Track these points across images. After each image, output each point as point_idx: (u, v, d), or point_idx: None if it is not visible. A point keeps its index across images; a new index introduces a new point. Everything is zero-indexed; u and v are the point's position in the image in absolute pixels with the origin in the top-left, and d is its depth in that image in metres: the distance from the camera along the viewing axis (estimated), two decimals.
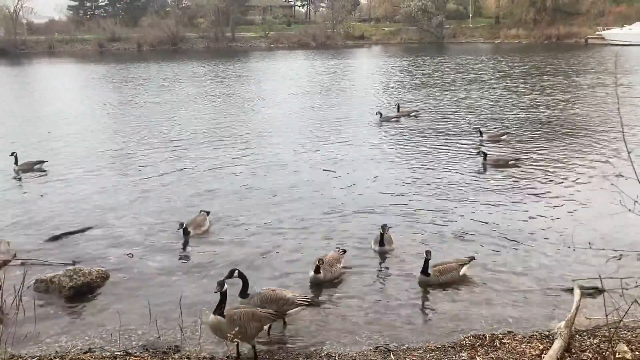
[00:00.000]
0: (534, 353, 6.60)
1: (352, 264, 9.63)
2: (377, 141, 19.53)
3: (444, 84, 35.52)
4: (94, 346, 7.31)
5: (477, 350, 6.81)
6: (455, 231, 11.02)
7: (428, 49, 69.41)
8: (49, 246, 10.79)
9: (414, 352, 6.84)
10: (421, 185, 14.18)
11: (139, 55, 71.20)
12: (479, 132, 18.38)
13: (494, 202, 12.73)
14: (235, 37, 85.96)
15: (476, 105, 26.64)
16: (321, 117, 24.26)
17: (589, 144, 18.06)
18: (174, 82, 40.19)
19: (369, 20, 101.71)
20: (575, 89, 31.24)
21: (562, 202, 12.55)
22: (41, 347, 7.34)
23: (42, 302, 8.57)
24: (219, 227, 11.64)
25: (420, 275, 8.79)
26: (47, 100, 33.02)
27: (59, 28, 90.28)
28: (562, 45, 70.18)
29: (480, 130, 18.50)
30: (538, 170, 15.30)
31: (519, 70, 42.21)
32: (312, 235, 10.98)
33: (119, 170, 16.30)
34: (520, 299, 8.38)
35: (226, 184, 14.69)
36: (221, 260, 9.91)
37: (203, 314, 7.71)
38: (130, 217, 12.27)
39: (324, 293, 8.75)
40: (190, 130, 22.19)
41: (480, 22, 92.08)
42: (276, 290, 7.67)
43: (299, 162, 16.74)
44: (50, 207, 13.13)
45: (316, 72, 45.19)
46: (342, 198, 13.23)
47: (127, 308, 8.35)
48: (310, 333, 7.54)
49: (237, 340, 6.54)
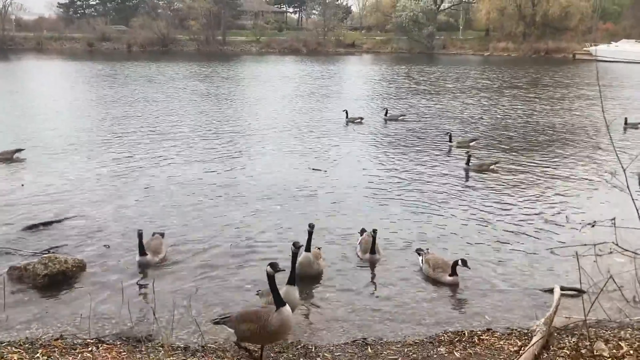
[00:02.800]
0: (512, 349, 6.56)
1: (333, 260, 9.56)
2: (361, 143, 19.59)
3: (431, 91, 35.69)
4: (66, 333, 7.14)
5: (455, 345, 6.75)
6: (437, 232, 11.01)
7: (418, 59, 69.83)
8: (25, 235, 10.57)
9: (391, 346, 6.75)
10: (403, 185, 14.26)
11: (129, 55, 70.77)
12: (449, 137, 18.82)
13: (476, 203, 12.83)
14: (226, 41, 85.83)
15: (459, 112, 26.89)
16: (308, 119, 24.24)
17: (569, 149, 18.64)
18: (162, 81, 39.95)
19: (360, 29, 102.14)
20: (558, 100, 31.58)
21: (542, 205, 12.69)
22: (11, 333, 7.15)
23: (14, 290, 8.38)
24: (203, 214, 11.69)
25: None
26: (32, 94, 32.67)
27: (49, 25, 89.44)
28: (550, 60, 70.99)
29: (450, 135, 18.89)
30: (517, 174, 15.53)
31: (505, 82, 42.53)
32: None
33: (99, 162, 16.18)
34: (500, 298, 8.34)
35: (206, 176, 14.77)
36: (198, 254, 9.80)
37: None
38: (108, 209, 12.12)
39: (301, 289, 8.66)
40: (175, 126, 22.11)
41: (471, 34, 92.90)
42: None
43: (283, 161, 16.72)
44: (29, 196, 12.93)
45: (306, 77, 45.17)
46: (326, 196, 13.19)
47: (102, 298, 8.18)
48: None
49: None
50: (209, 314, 7.64)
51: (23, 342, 6.83)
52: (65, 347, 6.68)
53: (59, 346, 6.70)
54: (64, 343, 6.82)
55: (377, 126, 23.02)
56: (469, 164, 15.58)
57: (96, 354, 6.39)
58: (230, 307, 7.88)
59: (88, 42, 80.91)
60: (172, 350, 6.61)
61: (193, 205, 12.40)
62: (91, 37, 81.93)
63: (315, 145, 19.10)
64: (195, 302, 7.91)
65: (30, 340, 6.88)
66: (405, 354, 6.52)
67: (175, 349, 6.68)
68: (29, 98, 30.74)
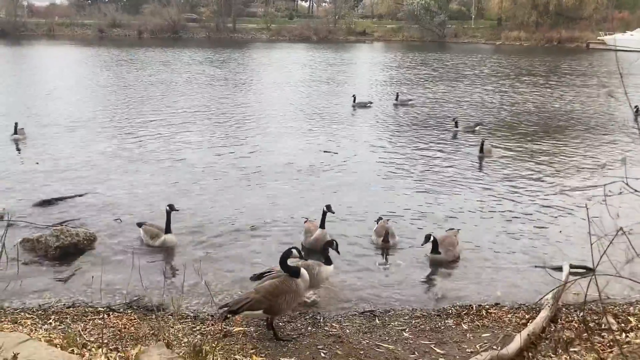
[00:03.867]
0: (520, 322, 6.57)
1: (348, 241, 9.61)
2: (371, 126, 19.60)
3: (442, 78, 35.44)
4: (78, 302, 7.25)
5: (462, 318, 6.77)
6: (445, 211, 11.04)
7: (429, 47, 69.25)
8: (38, 210, 10.73)
9: (399, 318, 6.79)
10: (411, 166, 14.31)
11: (140, 41, 70.79)
12: (455, 123, 18.91)
13: (485, 184, 12.88)
14: (237, 28, 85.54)
15: (468, 98, 26.64)
16: (320, 104, 24.20)
17: (578, 136, 18.42)
18: (175, 66, 40.00)
19: (371, 17, 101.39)
20: (569, 88, 31.20)
21: (552, 188, 12.63)
22: (24, 301, 7.27)
23: (27, 261, 8.50)
24: (215, 192, 11.76)
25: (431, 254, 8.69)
26: (45, 77, 32.85)
27: (60, 12, 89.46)
28: (563, 49, 70.13)
29: (456, 121, 18.97)
30: (528, 158, 15.47)
31: (517, 70, 42.11)
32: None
33: (113, 142, 16.41)
34: (509, 275, 8.35)
35: (218, 157, 14.87)
36: (207, 227, 9.89)
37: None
38: (121, 186, 12.26)
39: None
40: (189, 109, 22.21)
41: (482, 23, 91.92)
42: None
43: (295, 144, 16.79)
44: (44, 174, 13.14)
45: (317, 64, 45.00)
46: (338, 179, 13.24)
47: (113, 269, 8.28)
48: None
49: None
50: (219, 285, 7.72)
51: (36, 309, 6.96)
52: (77, 314, 6.80)
53: (70, 313, 6.82)
54: (76, 311, 6.93)
55: (386, 110, 22.94)
56: (482, 148, 15.39)
57: (107, 320, 6.49)
58: (239, 280, 7.95)
59: (99, 28, 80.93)
60: (182, 318, 6.70)
61: (205, 183, 12.57)
62: (102, 23, 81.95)
63: (326, 128, 19.09)
64: (206, 275, 7.96)
65: (43, 308, 7.01)
66: (413, 325, 6.55)
67: (185, 317, 6.76)
68: (42, 81, 30.93)
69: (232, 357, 5.27)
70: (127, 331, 6.15)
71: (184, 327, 6.35)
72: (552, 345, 5.73)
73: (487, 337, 6.15)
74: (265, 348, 5.74)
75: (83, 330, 6.15)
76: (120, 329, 6.21)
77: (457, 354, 5.69)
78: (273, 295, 5.96)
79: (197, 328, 6.32)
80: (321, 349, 5.76)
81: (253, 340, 5.96)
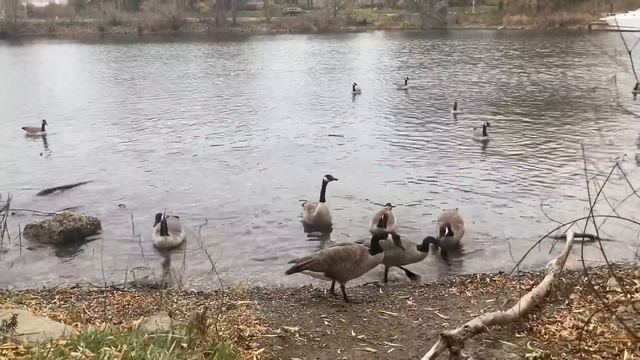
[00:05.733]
0: (524, 288, 6.53)
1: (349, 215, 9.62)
2: (376, 111, 19.55)
3: (445, 63, 35.27)
4: (82, 283, 7.27)
5: (466, 286, 6.76)
6: (448, 188, 11.04)
7: (430, 34, 68.81)
8: (42, 199, 10.82)
9: (402, 288, 6.79)
10: (414, 147, 14.36)
11: (140, 38, 70.77)
12: (454, 105, 18.91)
13: (486, 163, 12.91)
14: (237, 22, 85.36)
15: (471, 81, 26.50)
16: (324, 91, 24.16)
17: (573, 119, 18.09)
18: (178, 60, 40.01)
19: (371, 6, 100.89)
20: (568, 69, 30.95)
21: (554, 164, 12.67)
22: (29, 283, 7.32)
23: (31, 246, 8.56)
24: (222, 177, 11.98)
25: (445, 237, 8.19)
26: (47, 74, 32.98)
27: (60, 11, 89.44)
28: (565, 31, 69.56)
29: (455, 103, 19.00)
30: (530, 135, 15.49)
31: (518, 53, 41.82)
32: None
33: (116, 133, 16.57)
34: (513, 246, 8.28)
35: (225, 145, 14.99)
36: (211, 210, 9.91)
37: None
38: (124, 175, 12.36)
39: (315, 238, 8.73)
40: (194, 101, 22.36)
41: (484, 9, 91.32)
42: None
43: (302, 129, 16.85)
44: (48, 164, 13.39)
45: (318, 54, 44.83)
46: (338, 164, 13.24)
47: (117, 252, 8.32)
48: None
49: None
50: (222, 264, 7.72)
51: (41, 290, 6.99)
52: (81, 293, 6.82)
53: (74, 293, 6.85)
54: (80, 290, 6.96)
55: (391, 95, 22.92)
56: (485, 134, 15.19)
57: (111, 298, 6.51)
58: (243, 258, 7.98)
59: (99, 26, 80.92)
60: (186, 294, 6.71)
61: (211, 169, 12.74)
62: (102, 21, 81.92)
63: (332, 113, 19.13)
64: (211, 254, 7.96)
65: (48, 289, 7.04)
66: (417, 294, 6.53)
67: (189, 293, 6.78)
68: (44, 78, 31.07)
69: (236, 327, 5.26)
70: (130, 307, 6.17)
71: (187, 302, 6.36)
72: (557, 307, 5.70)
73: (491, 302, 6.12)
74: (269, 319, 5.74)
75: (87, 308, 6.16)
76: (124, 305, 6.22)
77: (461, 318, 5.66)
78: (333, 260, 6.21)
79: (200, 302, 6.32)
80: (324, 317, 5.75)
81: (257, 312, 5.95)
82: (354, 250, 6.31)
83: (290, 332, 5.31)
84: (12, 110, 20.59)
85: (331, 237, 8.89)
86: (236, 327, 5.29)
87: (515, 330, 5.19)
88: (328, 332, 5.37)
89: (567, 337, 4.98)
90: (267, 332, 5.25)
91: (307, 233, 9.05)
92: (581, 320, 5.22)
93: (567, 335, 5.02)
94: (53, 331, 5.03)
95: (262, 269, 7.69)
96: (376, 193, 10.67)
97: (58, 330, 5.00)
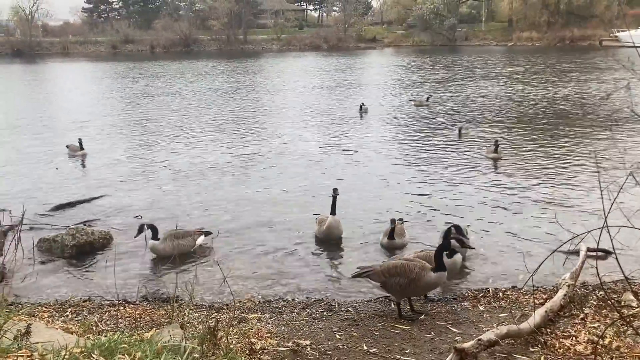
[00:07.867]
0: (538, 302, 6.46)
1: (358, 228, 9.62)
2: (389, 126, 19.61)
3: (456, 80, 35.34)
4: (94, 296, 7.30)
5: (479, 300, 6.70)
6: (458, 203, 11.02)
7: (440, 51, 69.15)
8: (56, 213, 10.92)
9: (415, 302, 6.72)
10: (424, 164, 14.33)
11: (152, 56, 71.66)
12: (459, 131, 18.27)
13: (497, 178, 12.84)
14: (247, 40, 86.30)
15: (485, 97, 26.52)
16: (336, 107, 24.27)
17: (585, 131, 18.03)
18: (190, 77, 40.49)
19: (380, 24, 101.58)
20: (581, 82, 30.88)
21: (566, 178, 12.58)
22: (41, 296, 7.36)
23: (44, 260, 8.61)
24: (232, 191, 12.06)
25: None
26: (63, 91, 33.52)
27: (74, 30, 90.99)
28: (575, 48, 69.56)
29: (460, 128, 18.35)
30: (542, 150, 15.39)
31: (528, 70, 41.83)
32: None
33: (130, 148, 16.81)
34: (527, 260, 8.21)
35: (237, 159, 15.00)
36: (222, 224, 9.94)
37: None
38: (137, 188, 12.48)
39: (326, 251, 8.72)
40: (205, 117, 22.59)
41: (493, 25, 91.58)
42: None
43: (314, 144, 16.98)
44: (62, 179, 13.52)
45: (329, 71, 45.13)
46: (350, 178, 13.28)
47: (129, 266, 8.37)
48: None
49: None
50: (233, 277, 7.72)
51: (53, 303, 7.02)
52: (93, 306, 6.84)
53: (87, 306, 6.87)
54: (92, 304, 6.98)
55: (403, 111, 22.97)
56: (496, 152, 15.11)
57: (123, 311, 6.52)
58: (254, 271, 7.99)
59: (112, 44, 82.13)
60: (198, 308, 6.71)
61: (221, 183, 12.84)
62: (115, 39, 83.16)
63: (345, 129, 19.23)
64: (222, 264, 7.98)
65: (60, 302, 7.06)
66: (429, 309, 6.49)
67: (200, 307, 6.78)
68: (60, 94, 31.60)
69: (247, 339, 5.25)
70: (142, 320, 6.18)
71: (199, 315, 6.37)
72: (571, 321, 5.63)
73: (504, 316, 6.06)
74: (281, 332, 5.72)
75: (99, 321, 6.18)
76: (136, 318, 6.24)
77: (474, 332, 5.61)
78: (390, 273, 6.16)
79: (212, 315, 6.33)
80: (336, 331, 5.73)
81: (268, 325, 5.94)
82: (410, 267, 6.09)
83: (301, 345, 5.30)
84: (48, 127, 21.00)
85: (346, 246, 8.86)
86: (247, 340, 5.29)
87: (529, 344, 5.14)
88: (340, 345, 5.34)
89: (582, 352, 4.93)
90: (278, 346, 5.24)
91: (317, 246, 9.04)
92: (596, 334, 5.16)
93: (582, 349, 4.97)
94: (66, 342, 5.08)
95: (273, 283, 7.68)
96: (388, 207, 10.66)
97: (71, 341, 5.02)
